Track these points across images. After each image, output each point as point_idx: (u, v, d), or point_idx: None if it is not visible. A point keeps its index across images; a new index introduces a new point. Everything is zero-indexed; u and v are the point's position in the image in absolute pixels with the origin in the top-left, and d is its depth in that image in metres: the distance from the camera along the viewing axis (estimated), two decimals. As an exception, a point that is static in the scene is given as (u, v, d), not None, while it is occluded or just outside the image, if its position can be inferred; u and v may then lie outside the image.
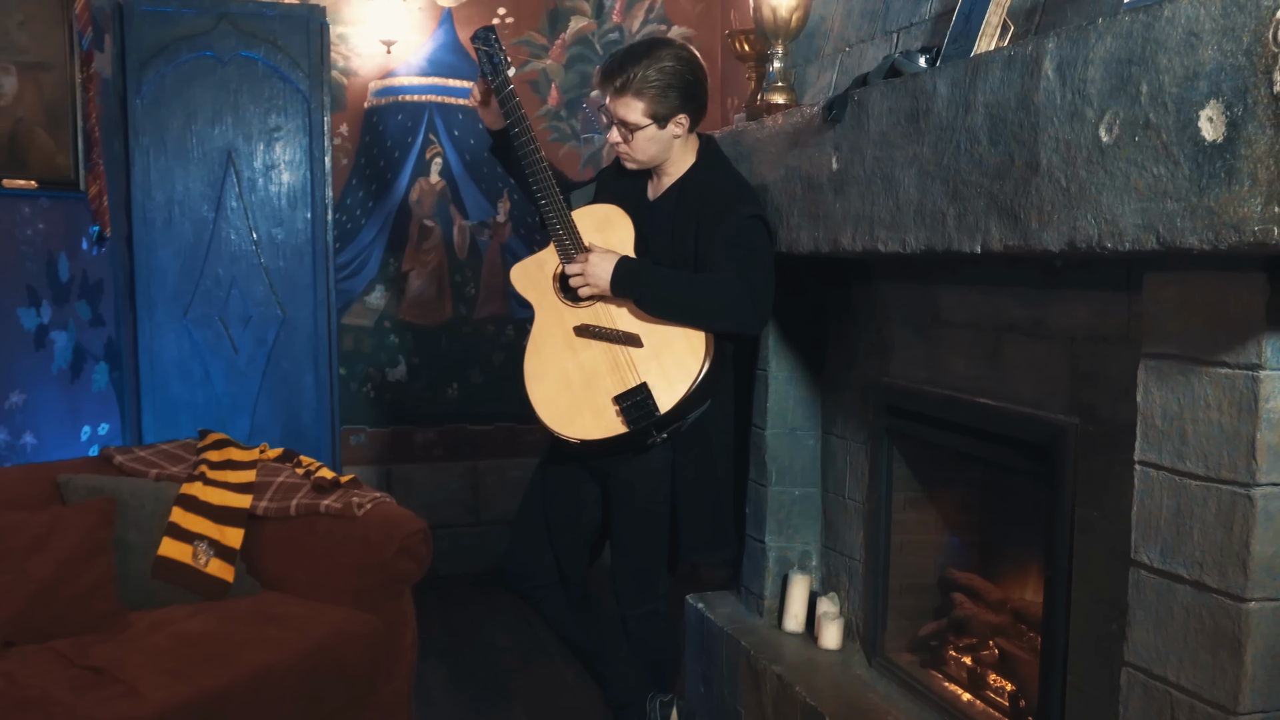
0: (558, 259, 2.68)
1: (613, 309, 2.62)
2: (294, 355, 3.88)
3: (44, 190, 3.29)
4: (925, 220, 2.07)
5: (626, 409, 2.55)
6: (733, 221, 2.58)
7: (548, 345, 2.69)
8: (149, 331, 3.71)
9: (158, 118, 3.74)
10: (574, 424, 2.61)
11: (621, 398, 2.56)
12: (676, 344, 2.55)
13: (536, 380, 2.68)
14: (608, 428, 2.58)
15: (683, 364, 2.54)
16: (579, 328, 2.65)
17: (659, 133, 2.62)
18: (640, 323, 2.59)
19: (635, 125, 2.61)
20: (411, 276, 4.68)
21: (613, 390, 2.58)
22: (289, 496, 3.04)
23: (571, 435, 2.61)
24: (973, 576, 2.70)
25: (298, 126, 3.86)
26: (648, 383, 2.55)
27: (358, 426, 4.64)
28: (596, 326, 2.63)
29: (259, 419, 3.85)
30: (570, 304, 2.67)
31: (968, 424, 2.43)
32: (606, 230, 2.65)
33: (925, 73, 2.08)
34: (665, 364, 2.55)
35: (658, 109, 2.59)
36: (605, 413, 2.58)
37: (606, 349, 2.61)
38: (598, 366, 2.61)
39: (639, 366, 2.57)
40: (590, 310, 2.64)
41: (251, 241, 3.82)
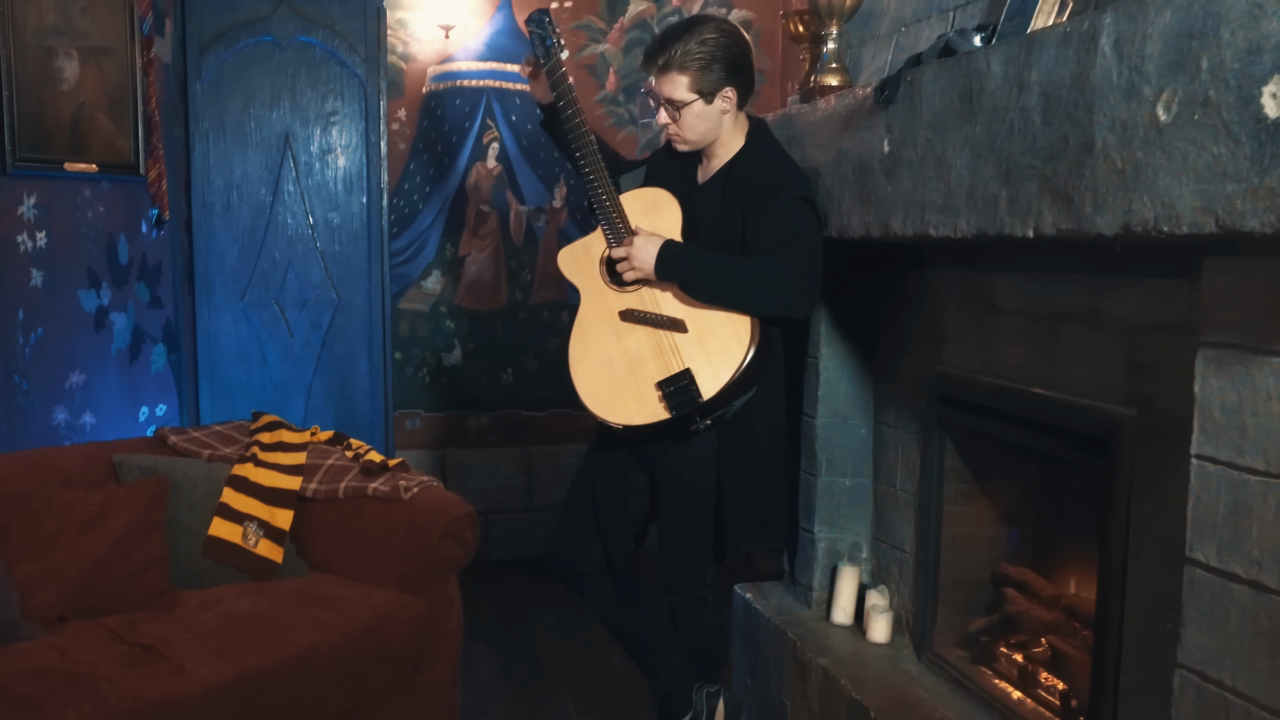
0: (605, 243, 2.65)
1: (658, 294, 2.59)
2: (349, 339, 3.90)
3: (104, 174, 3.33)
4: (977, 204, 2.01)
5: (669, 394, 2.52)
6: (778, 204, 2.53)
7: (592, 330, 2.67)
8: (207, 314, 3.75)
9: (217, 102, 3.77)
10: (617, 409, 2.59)
11: (665, 383, 2.53)
12: (721, 330, 2.52)
13: (580, 364, 2.66)
14: (651, 413, 2.56)
15: (727, 350, 2.50)
16: (624, 312, 2.62)
17: (706, 108, 2.58)
18: (685, 308, 2.56)
19: (681, 102, 2.57)
20: (468, 262, 4.68)
21: (656, 376, 2.55)
22: (338, 479, 3.06)
23: (614, 420, 2.59)
24: (1025, 571, 2.63)
25: (354, 111, 3.87)
26: (691, 369, 2.52)
27: (413, 411, 4.66)
28: (641, 311, 2.60)
29: (314, 402, 3.88)
30: (616, 288, 2.64)
31: (1021, 415, 2.36)
32: (654, 214, 2.62)
33: (979, 52, 2.01)
34: (709, 350, 2.52)
35: (703, 83, 2.55)
36: (648, 398, 2.55)
37: (651, 334, 2.58)
38: (642, 352, 2.58)
39: (683, 352, 2.54)
40: (635, 295, 2.61)
41: (308, 225, 3.85)
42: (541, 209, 4.73)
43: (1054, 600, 2.52)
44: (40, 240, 3.11)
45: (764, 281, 2.49)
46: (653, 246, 2.53)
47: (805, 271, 2.51)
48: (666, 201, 2.64)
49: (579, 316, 2.70)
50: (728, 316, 2.52)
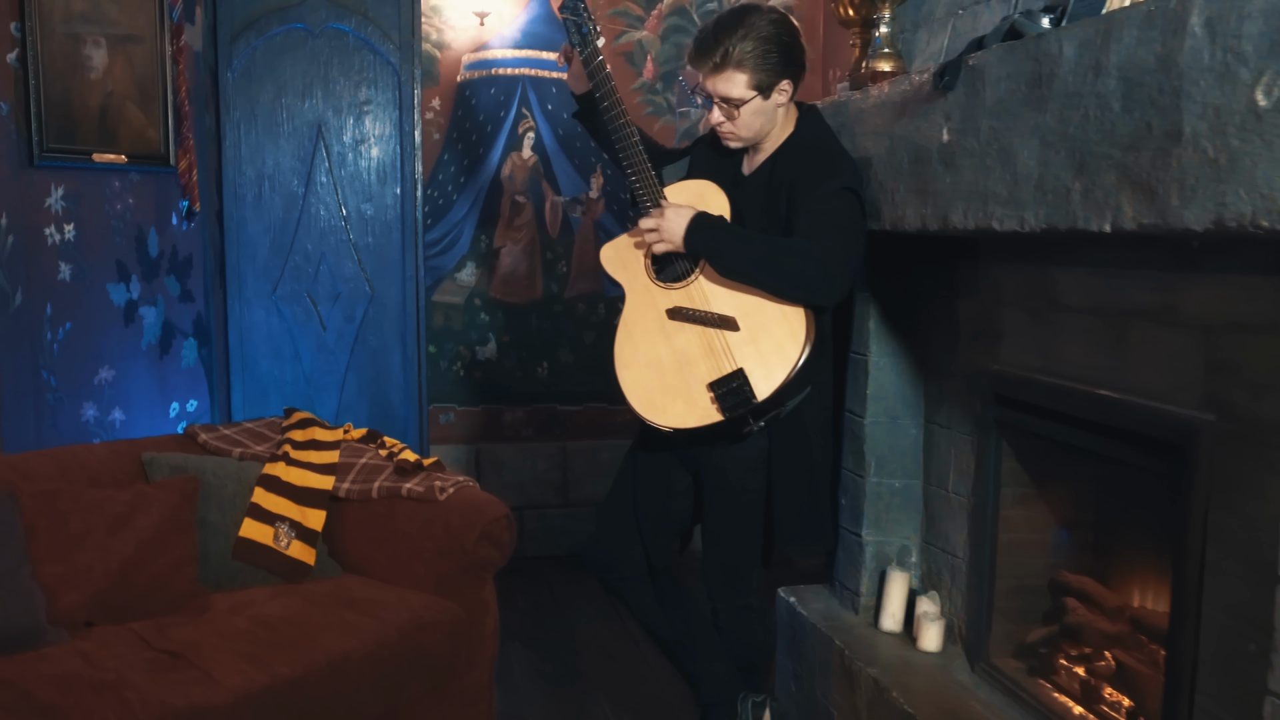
0: None
1: (707, 290, 2.48)
2: (382, 333, 3.82)
3: (134, 165, 3.27)
4: (1047, 196, 1.89)
5: (721, 396, 2.41)
6: (822, 191, 2.42)
7: (639, 329, 2.57)
8: (238, 308, 3.68)
9: (248, 91, 3.69)
10: (666, 411, 2.49)
11: (716, 384, 2.42)
12: (775, 328, 2.41)
13: (627, 365, 2.57)
14: (702, 416, 2.45)
15: (781, 349, 2.40)
16: (672, 310, 2.51)
17: (764, 104, 2.48)
18: (737, 305, 2.45)
19: (740, 100, 2.46)
20: (503, 253, 4.60)
21: (707, 376, 2.44)
22: (371, 479, 2.98)
23: (664, 423, 2.49)
24: (1086, 580, 2.52)
25: (388, 100, 3.79)
26: (744, 368, 2.41)
27: (447, 405, 4.59)
28: (690, 309, 2.49)
29: (346, 396, 3.80)
30: (663, 285, 2.54)
31: (1087, 417, 2.25)
32: (700, 207, 2.51)
33: (1049, 34, 1.89)
34: (763, 349, 2.41)
35: (761, 78, 2.44)
36: (699, 400, 2.45)
37: (700, 333, 2.47)
38: (691, 351, 2.48)
39: (735, 351, 2.43)
40: (684, 292, 2.51)
41: (341, 217, 3.77)
42: (578, 200, 4.64)
43: (1118, 611, 2.40)
44: (69, 233, 3.04)
45: (790, 260, 2.37)
46: (683, 218, 2.43)
47: (834, 255, 2.38)
48: (713, 194, 2.54)
49: (624, 315, 2.60)
50: (782, 314, 2.41)
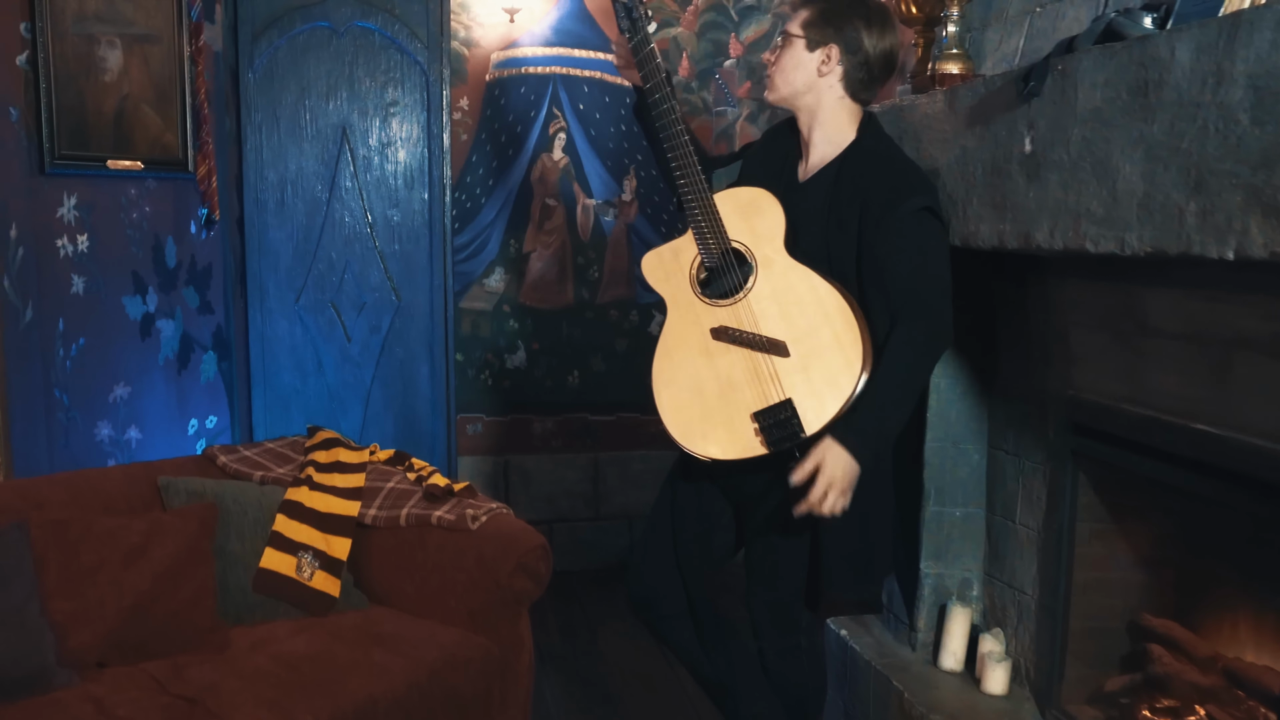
0: (695, 249, 2.37)
1: (756, 309, 2.29)
2: (409, 343, 3.67)
3: (150, 171, 3.12)
4: (1154, 217, 1.71)
5: (767, 428, 2.23)
6: (901, 214, 2.22)
7: (680, 348, 2.38)
8: (260, 318, 3.53)
9: (271, 93, 3.53)
10: (706, 440, 2.31)
11: (762, 415, 2.24)
12: (829, 355, 2.23)
13: (666, 386, 2.38)
14: (744, 448, 2.27)
15: (835, 380, 2.22)
16: (717, 330, 2.33)
17: (804, 56, 2.33)
18: (788, 328, 2.27)
19: (790, 35, 2.35)
20: (532, 258, 4.43)
21: (752, 405, 2.27)
22: (399, 505, 2.82)
23: (702, 453, 2.32)
24: (1172, 625, 2.33)
25: (415, 101, 3.62)
26: (793, 399, 2.23)
27: (474, 415, 4.43)
28: (737, 330, 2.31)
29: (372, 409, 3.65)
30: (708, 302, 2.35)
31: (1180, 453, 2.06)
32: (753, 217, 2.34)
33: (1157, 37, 1.70)
34: (814, 378, 2.23)
35: (813, 24, 2.32)
36: (742, 430, 2.27)
37: (747, 356, 2.29)
38: (736, 376, 2.30)
39: (784, 379, 2.25)
40: (730, 311, 2.33)
41: (366, 223, 3.61)
42: (610, 203, 4.46)
43: (1210, 662, 2.21)
44: (82, 244, 2.89)
45: (916, 361, 2.24)
46: (837, 455, 2.17)
47: (938, 311, 2.23)
48: (766, 202, 2.35)
49: (665, 331, 2.42)
50: (835, 339, 2.23)
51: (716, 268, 2.34)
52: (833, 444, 2.18)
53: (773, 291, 2.29)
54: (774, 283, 2.29)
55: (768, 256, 2.30)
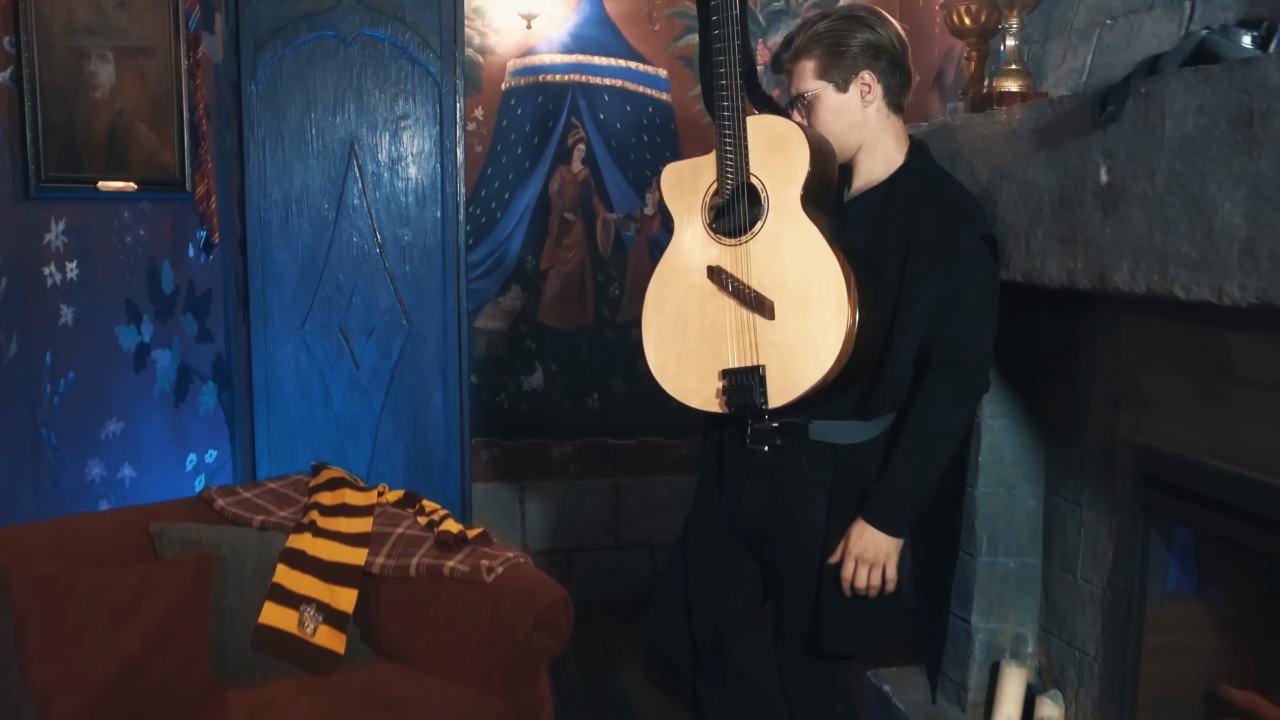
0: (717, 171, 2.14)
1: (753, 258, 2.09)
2: (421, 369, 3.47)
3: (145, 192, 2.94)
4: (1260, 264, 1.50)
5: (731, 389, 2.09)
6: (954, 245, 2.04)
7: (675, 275, 2.20)
8: (263, 345, 3.34)
9: (274, 106, 3.34)
10: (678, 381, 2.18)
11: (731, 374, 2.10)
12: (815, 331, 2.02)
13: (654, 313, 2.23)
14: (706, 401, 2.15)
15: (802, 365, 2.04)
16: (713, 270, 2.13)
17: (842, 100, 2.15)
18: (780, 288, 2.06)
19: (809, 93, 2.15)
20: (550, 275, 4.25)
21: (727, 359, 2.11)
22: (409, 552, 2.62)
23: (671, 392, 2.20)
24: (1255, 698, 2.12)
25: (427, 114, 3.43)
26: (765, 367, 2.06)
27: (489, 439, 4.25)
28: (730, 276, 2.11)
29: (381, 440, 3.46)
30: (712, 235, 2.15)
31: (1269, 514, 1.85)
32: (777, 154, 2.09)
33: (1264, 60, 1.49)
34: (787, 353, 2.05)
35: (830, 67, 2.13)
36: (710, 382, 2.14)
37: (736, 309, 2.11)
38: (721, 324, 2.12)
39: (761, 343, 2.07)
40: (730, 252, 2.12)
41: (375, 244, 3.41)
42: (632, 217, 4.26)
43: (1301, 743, 2.01)
44: (71, 271, 2.71)
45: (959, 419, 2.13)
46: (867, 537, 2.09)
47: (985, 361, 2.10)
48: (796, 143, 2.08)
49: (668, 253, 2.23)
50: (821, 322, 2.02)
51: (732, 198, 2.12)
52: (859, 523, 2.10)
53: (775, 243, 2.08)
54: (779, 234, 2.08)
55: (782, 202, 2.08)
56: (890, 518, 2.09)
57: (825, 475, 2.17)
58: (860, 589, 2.12)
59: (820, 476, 2.18)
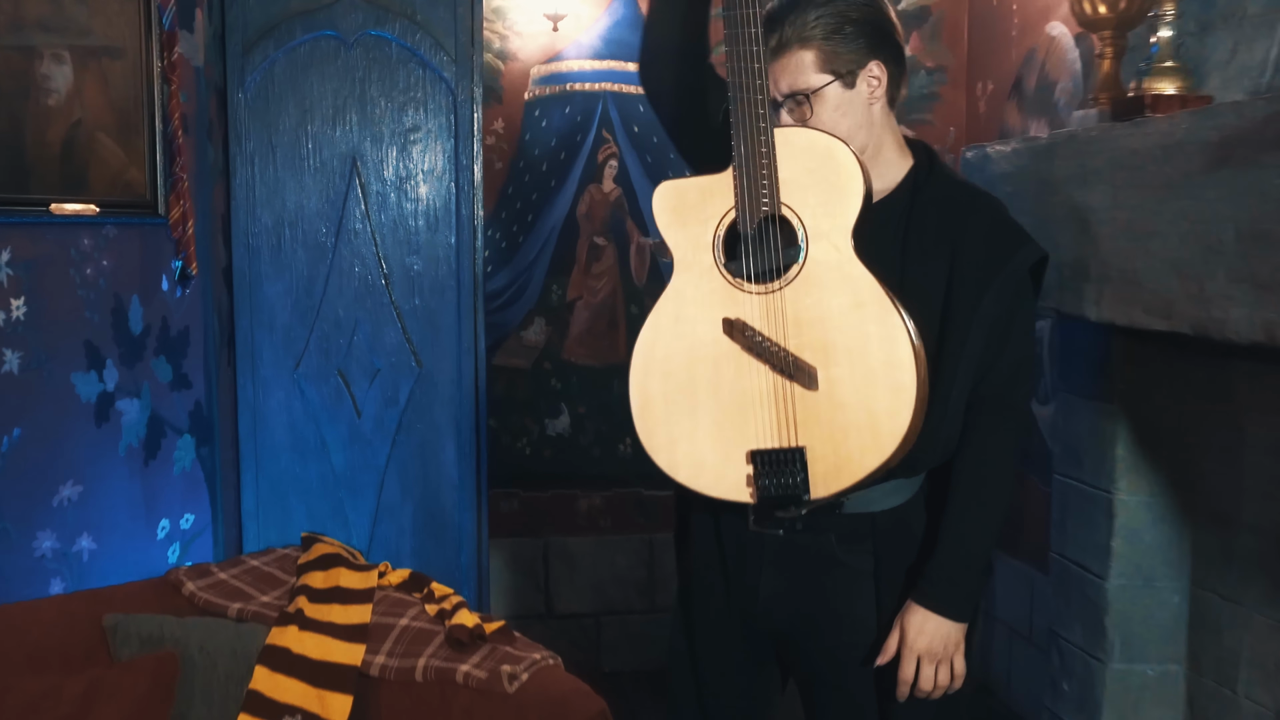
0: (733, 200, 1.71)
1: (790, 311, 1.69)
2: (432, 417, 3.06)
3: (109, 215, 2.53)
4: None
5: (763, 474, 1.68)
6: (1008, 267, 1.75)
7: (681, 329, 1.74)
8: (251, 391, 2.94)
9: (265, 116, 2.95)
10: (690, 462, 1.73)
11: (763, 456, 1.68)
12: (873, 402, 1.65)
13: (653, 374, 1.76)
14: (727, 486, 1.72)
15: (860, 448, 1.66)
16: (733, 324, 1.70)
17: (849, 95, 1.79)
18: (824, 347, 1.67)
19: (809, 89, 1.76)
20: (578, 306, 3.85)
21: (754, 437, 1.69)
22: (415, 651, 2.18)
23: (667, 469, 1.75)
24: None
25: (440, 126, 3.02)
26: (807, 448, 1.67)
27: (509, 490, 3.84)
28: (757, 334, 1.69)
29: (387, 498, 3.05)
30: (730, 278, 1.71)
31: None
32: (820, 176, 1.68)
33: None
34: (838, 434, 1.67)
35: (836, 57, 1.76)
36: (732, 463, 1.71)
37: (766, 374, 1.69)
38: (747, 394, 1.70)
39: (801, 416, 1.67)
40: (757, 302, 1.70)
41: (380, 273, 3.01)
42: (668, 241, 3.84)
43: None
44: (17, 310, 2.30)
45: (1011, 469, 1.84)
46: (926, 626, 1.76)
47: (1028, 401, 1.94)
48: (844, 164, 1.67)
49: (666, 300, 1.77)
50: (886, 385, 1.65)
51: (753, 236, 1.70)
52: (915, 609, 1.78)
53: (817, 292, 1.68)
54: (822, 279, 1.68)
55: (825, 239, 1.68)
56: (953, 599, 1.77)
57: (865, 557, 1.82)
58: (925, 692, 1.77)
59: (859, 559, 1.83)
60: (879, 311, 1.66)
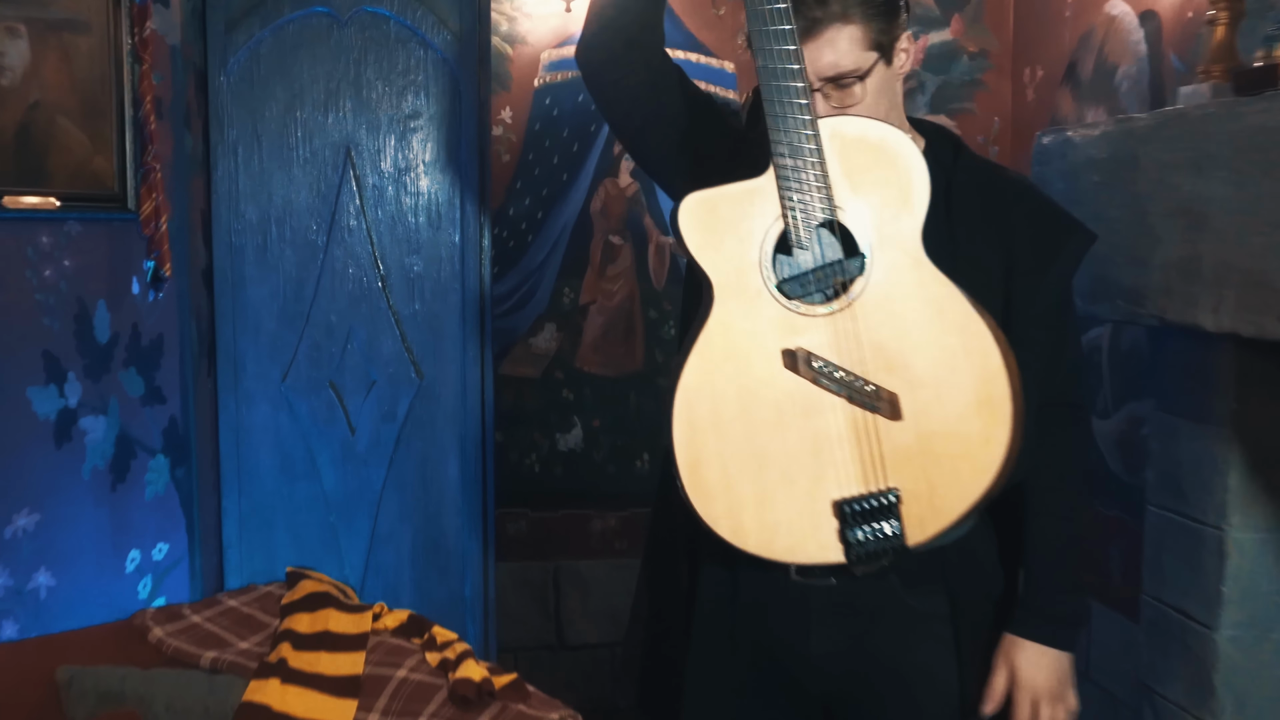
0: (777, 209, 1.46)
1: (862, 332, 1.46)
2: (433, 433, 2.78)
3: (72, 209, 2.26)
4: None
5: (851, 526, 1.47)
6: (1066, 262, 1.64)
7: (730, 368, 1.50)
8: (233, 406, 2.66)
9: (250, 102, 2.67)
10: (761, 526, 1.49)
11: (851, 506, 1.47)
12: (965, 423, 1.46)
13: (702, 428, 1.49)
14: (813, 548, 1.49)
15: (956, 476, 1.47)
16: (796, 355, 1.46)
17: (888, 73, 1.61)
18: (903, 367, 1.46)
19: (860, 70, 1.54)
20: (592, 311, 3.57)
21: (835, 485, 1.47)
22: (415, 709, 1.91)
23: (732, 537, 1.50)
24: None
25: (443, 112, 2.74)
26: (900, 489, 1.47)
27: (517, 510, 3.56)
28: (826, 364, 1.46)
29: (384, 523, 2.76)
30: (786, 302, 1.47)
31: None
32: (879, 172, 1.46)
33: None
34: (933, 464, 1.47)
35: (878, 31, 1.55)
36: (815, 523, 1.48)
37: (842, 408, 1.46)
38: (821, 434, 1.47)
39: (889, 454, 1.47)
40: (821, 325, 1.47)
41: (377, 275, 2.73)
42: (690, 240, 3.56)
43: None
44: (-38, 317, 2.02)
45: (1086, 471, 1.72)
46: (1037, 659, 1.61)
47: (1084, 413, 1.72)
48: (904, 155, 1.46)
49: (708, 335, 1.50)
50: (977, 400, 1.46)
51: (807, 248, 1.47)
52: (1022, 645, 1.62)
53: (889, 305, 1.48)
54: (892, 290, 1.48)
55: (892, 244, 1.47)
56: (1060, 626, 1.63)
57: (937, 599, 1.62)
58: None
59: (930, 602, 1.63)
60: (961, 319, 1.46)
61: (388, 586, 2.73)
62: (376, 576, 2.74)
